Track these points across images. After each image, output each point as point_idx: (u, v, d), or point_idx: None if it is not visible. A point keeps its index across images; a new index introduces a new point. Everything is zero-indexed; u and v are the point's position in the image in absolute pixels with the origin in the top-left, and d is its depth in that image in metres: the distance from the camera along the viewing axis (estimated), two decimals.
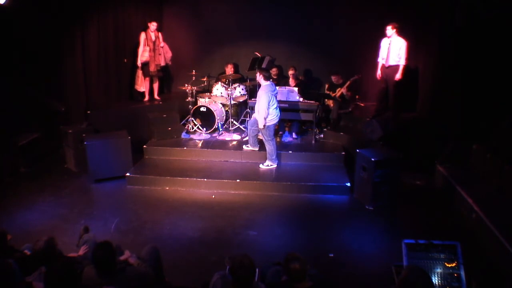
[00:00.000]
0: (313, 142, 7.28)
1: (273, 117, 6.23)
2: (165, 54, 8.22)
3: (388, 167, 5.54)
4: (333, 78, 7.98)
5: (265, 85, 6.17)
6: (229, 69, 8.45)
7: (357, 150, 5.84)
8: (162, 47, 8.11)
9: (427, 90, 7.23)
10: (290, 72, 8.14)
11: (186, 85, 7.77)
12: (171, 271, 3.97)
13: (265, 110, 6.09)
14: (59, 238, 3.74)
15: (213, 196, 5.98)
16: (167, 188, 6.22)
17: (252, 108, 7.08)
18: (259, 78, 6.23)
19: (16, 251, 3.36)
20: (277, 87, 6.52)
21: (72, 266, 2.68)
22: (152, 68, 7.99)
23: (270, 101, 6.12)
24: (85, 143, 6.33)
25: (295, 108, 7.15)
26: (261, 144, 6.77)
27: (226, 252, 4.10)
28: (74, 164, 6.83)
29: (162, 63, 8.19)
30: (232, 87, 7.60)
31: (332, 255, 4.51)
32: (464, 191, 5.34)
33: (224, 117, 7.84)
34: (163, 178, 6.30)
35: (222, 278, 2.84)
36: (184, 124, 7.79)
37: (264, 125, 6.17)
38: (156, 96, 8.49)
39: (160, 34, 8.07)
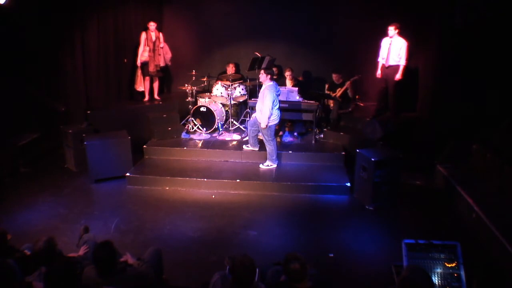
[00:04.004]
0: (313, 142, 7.27)
1: (275, 117, 6.22)
2: (164, 55, 8.20)
3: (388, 167, 5.54)
4: (334, 76, 7.95)
5: (269, 85, 6.15)
6: (231, 69, 8.45)
7: (357, 150, 5.83)
8: (162, 47, 8.09)
9: (427, 90, 7.23)
10: (287, 74, 8.11)
11: (186, 85, 7.77)
12: (171, 271, 3.98)
13: (269, 110, 6.08)
14: (59, 238, 3.75)
15: (213, 196, 5.97)
16: (167, 188, 6.22)
17: (252, 108, 7.08)
18: (265, 78, 6.16)
19: (16, 251, 3.36)
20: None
21: (72, 266, 2.68)
22: (151, 68, 7.98)
23: (274, 101, 6.11)
24: (85, 143, 6.33)
25: (295, 108, 7.14)
26: (261, 144, 6.77)
27: (226, 252, 4.08)
28: (74, 164, 6.83)
29: (162, 64, 8.17)
30: (232, 87, 7.60)
31: (332, 255, 4.51)
32: (464, 191, 5.34)
33: (224, 117, 7.84)
34: (163, 178, 6.30)
35: (222, 278, 2.84)
36: (184, 124, 7.79)
37: (266, 125, 6.17)
38: (156, 96, 8.48)
39: (161, 35, 8.06)
